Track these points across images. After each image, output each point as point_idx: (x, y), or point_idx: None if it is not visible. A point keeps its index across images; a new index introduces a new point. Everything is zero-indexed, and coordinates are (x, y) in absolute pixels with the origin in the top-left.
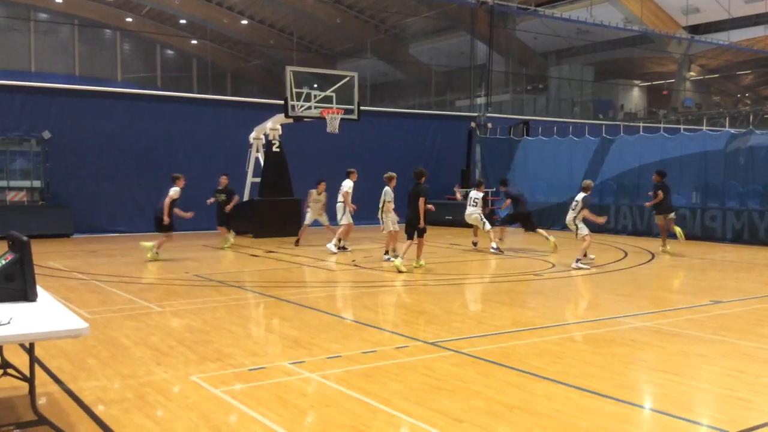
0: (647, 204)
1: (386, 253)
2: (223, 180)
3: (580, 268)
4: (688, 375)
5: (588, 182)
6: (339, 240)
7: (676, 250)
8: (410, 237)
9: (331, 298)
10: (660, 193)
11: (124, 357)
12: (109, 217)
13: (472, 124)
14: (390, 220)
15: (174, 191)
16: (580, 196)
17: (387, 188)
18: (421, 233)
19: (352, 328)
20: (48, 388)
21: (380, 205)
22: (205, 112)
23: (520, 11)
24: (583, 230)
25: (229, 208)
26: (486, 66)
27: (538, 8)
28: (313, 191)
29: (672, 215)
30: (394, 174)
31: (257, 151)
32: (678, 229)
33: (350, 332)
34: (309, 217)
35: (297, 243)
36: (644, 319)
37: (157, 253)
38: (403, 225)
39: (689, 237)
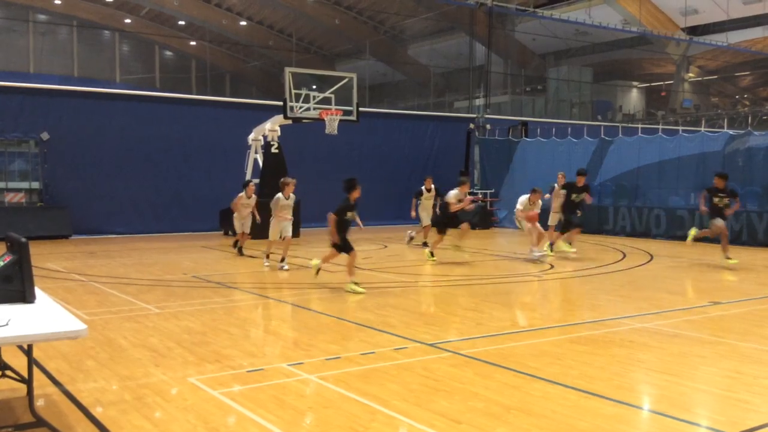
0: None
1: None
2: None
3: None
4: (687, 376)
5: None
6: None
7: None
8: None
9: (330, 299)
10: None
11: (122, 358)
12: (108, 219)
13: (471, 126)
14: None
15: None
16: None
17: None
18: None
19: (350, 330)
20: (46, 390)
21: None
22: (204, 113)
23: (519, 12)
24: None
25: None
26: (485, 67)
27: (537, 9)
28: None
29: None
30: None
31: (256, 153)
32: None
33: (349, 333)
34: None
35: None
36: (643, 320)
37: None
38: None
39: (686, 238)
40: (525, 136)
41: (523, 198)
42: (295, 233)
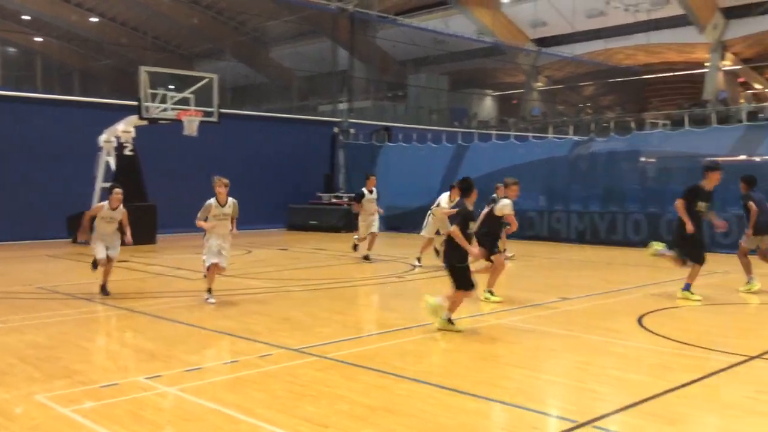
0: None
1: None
2: None
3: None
4: (541, 369)
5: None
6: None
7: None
8: None
9: (190, 308)
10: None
11: None
12: None
13: (336, 130)
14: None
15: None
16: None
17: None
18: None
19: (212, 339)
20: None
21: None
22: (51, 112)
23: (380, 20)
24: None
25: None
26: (347, 72)
27: (397, 17)
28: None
29: None
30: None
31: (108, 155)
32: None
33: (210, 342)
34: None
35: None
36: (499, 317)
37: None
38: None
39: (537, 238)
40: (388, 140)
41: (445, 196)
42: (151, 239)
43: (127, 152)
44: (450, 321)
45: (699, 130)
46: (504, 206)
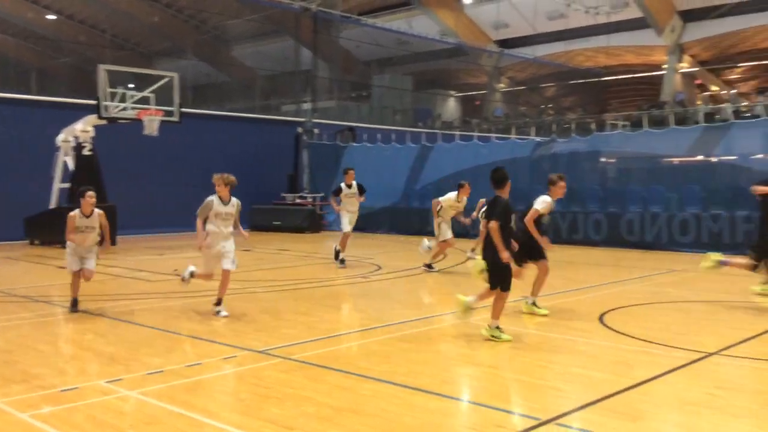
0: None
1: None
2: None
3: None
4: (504, 367)
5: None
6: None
7: None
8: None
9: (152, 310)
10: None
11: None
12: None
13: (299, 130)
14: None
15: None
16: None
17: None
18: None
19: (175, 341)
20: None
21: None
22: (7, 111)
23: (343, 19)
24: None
25: None
26: (311, 72)
27: (361, 17)
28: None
29: None
30: None
31: (66, 155)
32: None
33: (173, 345)
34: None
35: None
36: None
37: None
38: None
39: None
40: (353, 141)
41: (450, 195)
42: (111, 241)
43: (85, 152)
44: (499, 329)
45: (657, 131)
46: (541, 201)
